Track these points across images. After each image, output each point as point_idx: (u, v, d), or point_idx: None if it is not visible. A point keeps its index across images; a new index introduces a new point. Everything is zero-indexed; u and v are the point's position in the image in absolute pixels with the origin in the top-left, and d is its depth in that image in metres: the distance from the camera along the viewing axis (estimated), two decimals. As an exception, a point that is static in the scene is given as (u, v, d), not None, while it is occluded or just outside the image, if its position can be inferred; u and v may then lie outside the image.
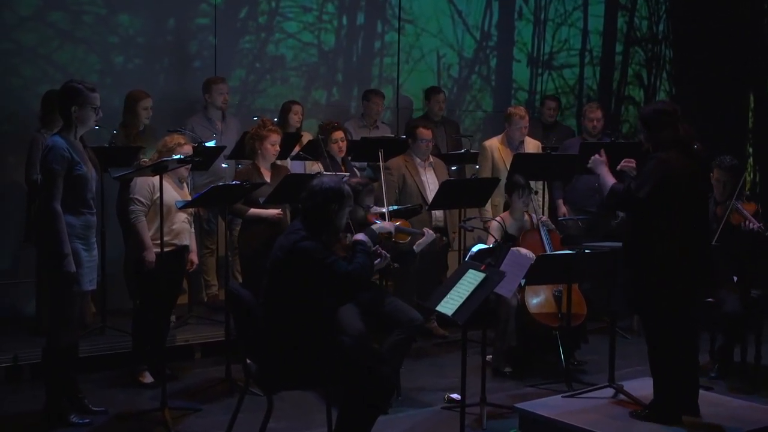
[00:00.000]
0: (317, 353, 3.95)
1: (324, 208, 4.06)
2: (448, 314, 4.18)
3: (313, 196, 4.09)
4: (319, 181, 4.15)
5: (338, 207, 4.09)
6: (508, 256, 4.61)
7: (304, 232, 4.01)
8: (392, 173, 6.47)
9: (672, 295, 4.35)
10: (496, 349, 5.82)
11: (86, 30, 6.89)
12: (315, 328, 3.98)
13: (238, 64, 7.67)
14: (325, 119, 7.42)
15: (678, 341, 4.41)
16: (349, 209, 4.20)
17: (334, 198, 4.08)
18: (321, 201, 4.06)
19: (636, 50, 10.28)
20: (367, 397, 3.94)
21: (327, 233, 4.16)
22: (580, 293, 5.86)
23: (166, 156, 5.15)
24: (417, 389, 5.50)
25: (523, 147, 7.03)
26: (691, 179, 4.36)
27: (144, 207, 5.26)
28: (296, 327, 3.95)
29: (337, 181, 4.22)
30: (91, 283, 4.60)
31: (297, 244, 3.95)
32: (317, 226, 4.07)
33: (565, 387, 5.38)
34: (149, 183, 5.24)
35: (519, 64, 9.37)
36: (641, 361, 5.25)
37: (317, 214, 4.07)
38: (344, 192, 4.12)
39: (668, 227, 4.30)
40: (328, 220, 4.09)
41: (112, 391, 5.33)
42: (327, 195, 4.07)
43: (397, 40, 8.51)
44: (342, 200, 4.10)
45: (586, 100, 9.61)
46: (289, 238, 4.01)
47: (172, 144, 5.28)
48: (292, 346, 3.94)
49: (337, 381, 4.03)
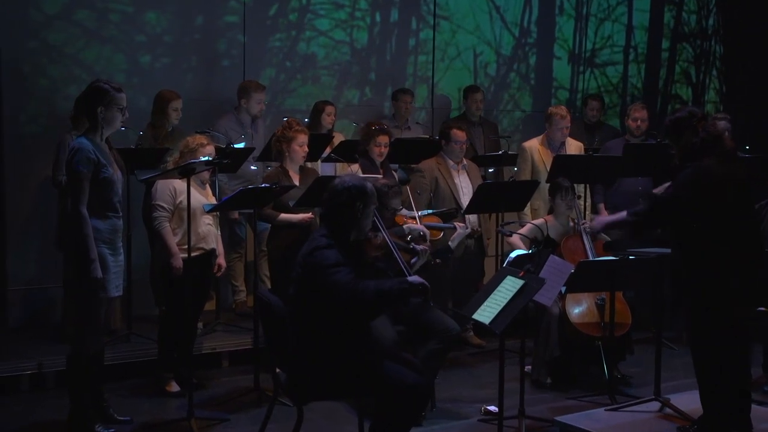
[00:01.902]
0: (349, 363, 3.95)
1: (349, 207, 4.03)
2: (485, 323, 4.17)
3: (337, 196, 4.06)
4: (340, 180, 4.13)
5: (363, 205, 4.06)
6: (548, 263, 4.58)
7: (326, 238, 3.97)
8: (424, 175, 6.46)
9: (721, 301, 4.30)
10: (536, 360, 5.79)
11: (113, 28, 6.98)
12: (346, 337, 3.97)
13: (267, 63, 7.71)
14: (360, 119, 7.46)
15: (728, 352, 4.35)
16: (374, 207, 4.17)
17: (359, 196, 4.04)
18: (345, 200, 4.03)
19: (684, 46, 10.17)
20: (401, 408, 3.93)
21: (355, 234, 4.12)
22: (625, 302, 5.81)
23: (188, 157, 5.20)
24: (452, 401, 5.48)
25: (565, 148, 6.99)
26: (732, 184, 4.33)
27: (167, 212, 5.29)
28: (326, 336, 3.94)
29: (360, 179, 4.19)
30: (118, 289, 4.64)
31: (313, 253, 3.93)
32: (342, 228, 4.04)
33: (609, 400, 5.33)
34: (170, 187, 5.28)
35: (560, 62, 9.32)
36: (689, 374, 5.19)
37: (342, 215, 4.04)
38: (368, 189, 4.08)
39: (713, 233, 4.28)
40: (353, 221, 4.05)
41: (138, 400, 5.39)
42: (351, 193, 4.04)
43: (432, 38, 8.51)
44: (367, 198, 4.06)
45: (631, 99, 9.54)
46: (311, 245, 3.99)
47: (194, 144, 5.31)
48: (323, 355, 3.95)
49: (370, 392, 4.02)
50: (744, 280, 4.32)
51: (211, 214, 5.41)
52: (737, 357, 4.40)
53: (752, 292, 4.45)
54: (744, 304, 4.45)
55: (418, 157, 6.79)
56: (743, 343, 4.45)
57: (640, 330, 6.40)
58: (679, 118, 4.53)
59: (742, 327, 4.42)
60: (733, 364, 4.38)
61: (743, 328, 4.43)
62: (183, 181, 5.05)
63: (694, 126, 4.43)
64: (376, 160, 6.31)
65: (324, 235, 4.01)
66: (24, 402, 5.38)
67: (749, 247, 4.37)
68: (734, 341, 4.37)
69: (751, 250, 4.38)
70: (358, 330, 4.05)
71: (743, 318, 4.44)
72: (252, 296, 6.22)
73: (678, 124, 4.51)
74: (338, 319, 3.92)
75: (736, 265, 4.29)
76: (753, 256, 4.37)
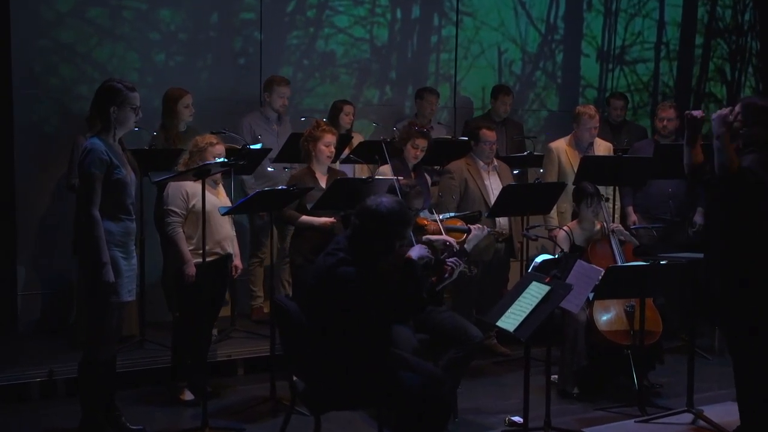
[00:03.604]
0: (367, 371, 3.96)
1: (384, 236, 3.96)
2: (510, 330, 4.16)
3: (373, 220, 3.95)
4: (377, 202, 3.99)
5: (401, 236, 4.02)
6: (575, 268, 4.57)
7: (343, 253, 3.93)
8: (453, 177, 6.45)
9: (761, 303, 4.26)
10: (563, 369, 5.76)
11: (126, 26, 7.03)
12: (365, 345, 3.98)
13: (285, 61, 7.74)
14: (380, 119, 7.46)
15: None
16: (410, 230, 4.12)
17: (399, 223, 3.97)
18: (383, 228, 3.94)
19: (718, 42, 10.10)
20: (422, 419, 3.94)
21: (384, 258, 4.08)
22: (655, 309, 5.77)
23: (197, 157, 5.22)
24: (475, 411, 5.47)
25: (593, 149, 6.97)
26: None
27: (180, 218, 5.31)
28: (345, 344, 3.95)
29: (400, 203, 4.09)
30: (130, 293, 4.66)
31: (332, 270, 3.89)
32: (368, 252, 3.99)
33: (639, 411, 5.30)
34: (182, 191, 5.29)
35: (588, 59, 9.29)
36: (724, 384, 5.16)
37: (373, 241, 3.97)
38: (409, 217, 4.02)
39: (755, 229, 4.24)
40: (384, 250, 4.01)
41: (151, 408, 5.41)
42: (390, 221, 3.93)
43: (454, 35, 8.51)
44: (406, 226, 4.01)
45: (662, 98, 9.49)
46: (327, 261, 3.95)
47: (203, 144, 5.32)
48: (342, 363, 3.95)
49: (390, 401, 4.02)
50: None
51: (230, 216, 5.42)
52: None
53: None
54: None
55: (441, 158, 6.79)
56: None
57: (672, 338, 6.37)
58: (762, 107, 4.43)
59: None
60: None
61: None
62: (195, 184, 5.08)
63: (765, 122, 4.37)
64: (410, 162, 6.32)
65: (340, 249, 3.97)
66: (34, 410, 5.41)
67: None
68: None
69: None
70: (377, 338, 4.05)
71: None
72: (269, 302, 6.23)
73: (757, 113, 4.41)
74: (356, 327, 3.93)
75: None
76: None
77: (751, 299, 4.31)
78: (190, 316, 5.36)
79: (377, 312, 3.89)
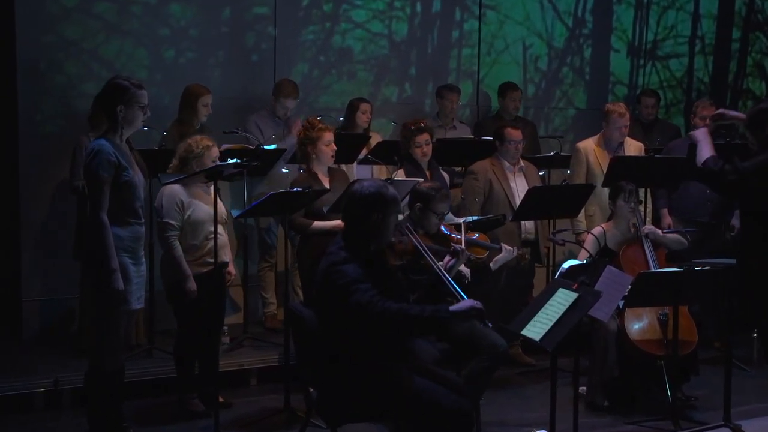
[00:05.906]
0: (385, 381, 3.96)
1: (365, 218, 4.02)
2: (535, 339, 4.15)
3: (352, 205, 4.06)
4: (358, 187, 4.11)
5: (382, 216, 4.04)
6: (605, 274, 4.55)
7: (344, 251, 3.97)
8: (477, 178, 6.45)
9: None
10: (592, 380, 5.75)
11: (134, 21, 7.07)
12: (379, 356, 3.98)
13: (300, 58, 7.76)
14: (399, 118, 7.46)
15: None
16: (396, 215, 4.14)
17: (376, 205, 4.02)
18: (361, 211, 4.03)
19: (757, 36, 10.05)
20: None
21: (375, 244, 4.11)
22: (690, 317, 5.75)
23: (195, 163, 5.22)
24: (499, 424, 5.47)
25: (623, 149, 6.93)
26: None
27: (176, 230, 5.29)
28: (356, 354, 3.95)
29: (379, 185, 4.15)
30: (139, 301, 4.67)
31: (330, 269, 3.93)
32: (360, 240, 4.03)
33: (672, 425, 5.28)
34: (176, 201, 5.27)
35: (618, 55, 9.26)
36: (763, 397, 5.13)
37: (358, 226, 4.04)
38: (387, 197, 4.04)
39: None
40: (372, 232, 4.05)
41: (160, 419, 5.44)
42: (367, 202, 4.02)
43: (477, 29, 8.51)
44: (386, 207, 4.03)
45: (696, 95, 9.44)
46: (327, 260, 3.99)
47: (199, 149, 5.28)
48: (355, 374, 3.95)
49: (409, 413, 4.02)
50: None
51: (222, 223, 5.39)
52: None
53: None
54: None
55: (464, 159, 6.78)
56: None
57: (707, 348, 6.33)
58: (763, 110, 4.52)
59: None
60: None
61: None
62: (188, 192, 5.12)
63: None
64: (421, 162, 6.31)
65: (341, 247, 4.01)
66: (38, 421, 5.45)
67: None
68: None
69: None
70: (392, 348, 4.05)
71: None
72: (283, 309, 6.24)
73: (762, 116, 4.49)
74: (366, 338, 3.93)
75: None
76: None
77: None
78: (190, 328, 5.37)
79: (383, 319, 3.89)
